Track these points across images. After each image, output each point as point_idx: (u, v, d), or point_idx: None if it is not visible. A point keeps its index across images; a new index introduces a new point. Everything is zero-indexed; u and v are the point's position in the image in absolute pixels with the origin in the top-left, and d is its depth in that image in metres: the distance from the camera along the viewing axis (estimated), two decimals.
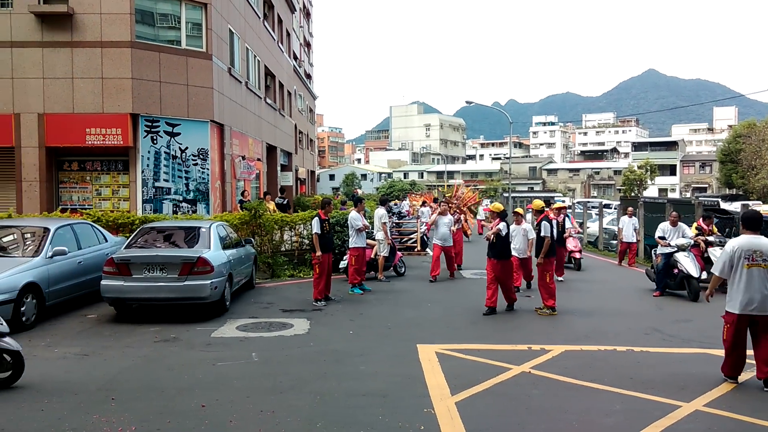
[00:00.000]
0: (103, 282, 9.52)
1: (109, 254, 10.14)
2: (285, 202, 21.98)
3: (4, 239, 10.20)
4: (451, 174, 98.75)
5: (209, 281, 9.53)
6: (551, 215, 12.35)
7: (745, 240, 6.65)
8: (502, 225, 10.50)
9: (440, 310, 10.72)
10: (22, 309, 8.85)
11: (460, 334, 8.96)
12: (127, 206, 16.53)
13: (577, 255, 16.44)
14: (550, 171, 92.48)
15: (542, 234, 10.75)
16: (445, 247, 14.25)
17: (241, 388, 6.42)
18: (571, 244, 16.21)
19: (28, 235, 10.20)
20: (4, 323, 6.44)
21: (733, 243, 6.72)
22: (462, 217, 18.65)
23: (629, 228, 17.15)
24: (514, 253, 11.75)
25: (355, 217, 12.46)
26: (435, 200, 23.30)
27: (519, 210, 12.81)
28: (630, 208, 17.81)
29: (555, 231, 11.46)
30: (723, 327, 6.80)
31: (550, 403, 6.08)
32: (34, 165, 16.13)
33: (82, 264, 10.47)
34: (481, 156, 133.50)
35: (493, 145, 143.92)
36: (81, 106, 16.13)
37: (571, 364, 7.45)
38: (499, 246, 10.40)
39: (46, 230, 10.12)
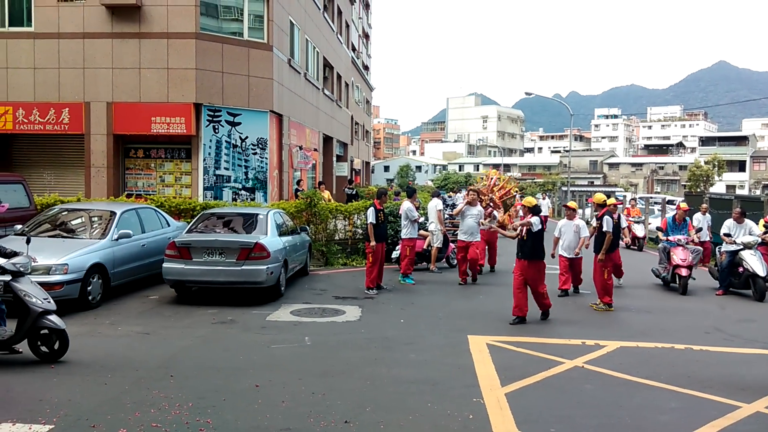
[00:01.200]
0: (164, 265, 9.89)
1: (171, 238, 10.50)
2: (354, 192, 22.31)
3: (73, 222, 10.72)
4: (507, 167, 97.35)
5: (265, 266, 9.77)
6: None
7: None
8: (534, 219, 9.22)
9: (492, 302, 10.64)
10: (89, 288, 9.29)
11: (511, 327, 8.88)
12: (189, 193, 17.07)
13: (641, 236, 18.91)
14: (612, 165, 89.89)
15: (604, 229, 10.31)
16: (471, 242, 12.47)
17: (293, 371, 6.57)
18: (639, 231, 19.33)
19: (96, 218, 10.68)
20: (52, 300, 6.76)
21: None
22: (495, 212, 15.32)
23: (704, 226, 15.70)
24: (562, 252, 11.43)
25: (409, 208, 12.52)
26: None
27: (572, 204, 12.29)
28: (704, 206, 16.48)
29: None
30: None
31: (602, 398, 5.97)
32: (102, 152, 16.85)
33: (146, 247, 10.90)
34: (540, 149, 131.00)
35: (552, 137, 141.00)
36: (147, 96, 16.73)
37: (626, 360, 7.28)
38: (530, 244, 9.13)
39: (113, 214, 10.58)
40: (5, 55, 16.95)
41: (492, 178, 17.08)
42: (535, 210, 9.37)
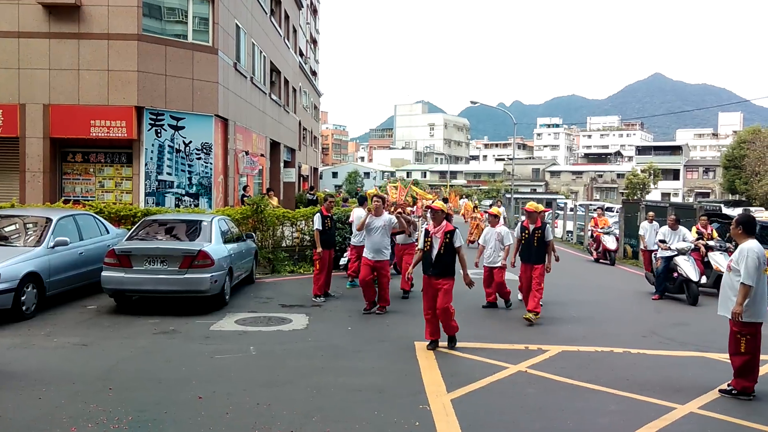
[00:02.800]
0: (103, 273, 9.56)
1: (110, 246, 10.17)
2: (314, 198, 22.18)
3: (7, 228, 10.25)
4: (453, 174, 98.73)
5: (209, 275, 9.57)
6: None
7: (759, 245, 6.30)
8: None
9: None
10: (23, 298, 8.89)
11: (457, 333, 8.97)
12: (129, 199, 16.56)
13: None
14: (554, 173, 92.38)
15: (547, 239, 10.08)
16: (378, 261, 10.14)
17: (238, 381, 6.45)
18: (610, 243, 18.57)
19: (30, 225, 10.24)
20: None
21: (756, 250, 6.23)
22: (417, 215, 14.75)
23: (651, 234, 15.23)
24: (485, 262, 10.86)
25: (359, 215, 12.47)
26: (444, 200, 22.89)
27: (494, 210, 11.42)
28: (651, 213, 16.13)
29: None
30: (739, 340, 6.31)
31: (545, 402, 6.10)
32: (38, 156, 16.17)
33: (84, 255, 10.51)
34: (485, 156, 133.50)
35: (497, 146, 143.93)
36: (86, 98, 16.16)
37: (568, 364, 7.47)
38: (428, 258, 8.02)
39: (48, 220, 10.17)
40: None
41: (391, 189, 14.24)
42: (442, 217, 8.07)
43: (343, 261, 13.93)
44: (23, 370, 6.61)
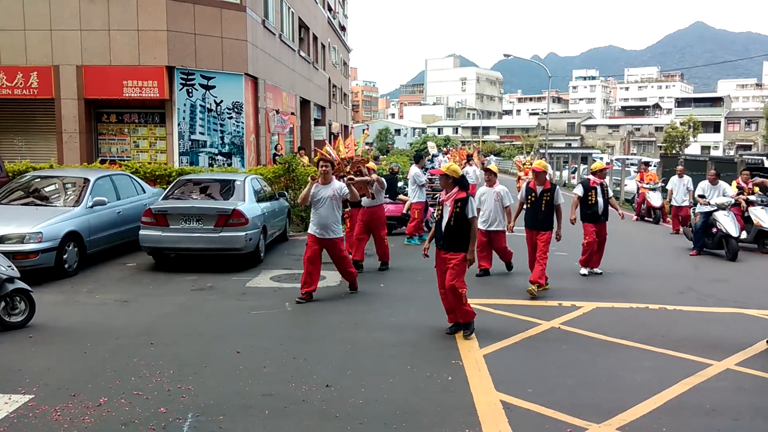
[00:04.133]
0: (141, 232, 9.78)
1: (147, 205, 10.36)
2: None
3: (47, 189, 10.51)
4: (486, 129, 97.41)
5: (244, 233, 9.71)
6: (593, 179, 10.08)
7: None
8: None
9: (473, 265, 10.70)
10: (65, 257, 9.17)
11: (490, 290, 8.99)
12: (164, 158, 16.79)
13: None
14: (589, 127, 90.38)
15: (557, 202, 9.01)
16: (330, 239, 8.37)
17: (274, 336, 6.60)
18: (655, 200, 17.37)
19: (69, 186, 10.48)
20: (15, 267, 6.75)
21: None
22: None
23: (680, 189, 15.08)
24: (480, 225, 9.54)
25: (416, 173, 12.68)
26: (469, 157, 22.62)
27: (493, 167, 10.43)
28: (680, 167, 15.79)
29: (601, 199, 9.87)
30: None
31: (578, 358, 6.10)
32: (74, 117, 16.42)
33: (121, 214, 10.75)
34: (518, 111, 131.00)
35: (530, 99, 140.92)
36: (118, 59, 16.26)
37: (602, 320, 7.43)
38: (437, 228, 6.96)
39: (86, 181, 10.38)
40: None
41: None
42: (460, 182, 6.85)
43: None
44: (68, 326, 6.86)
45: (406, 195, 14.18)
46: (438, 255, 6.88)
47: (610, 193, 9.85)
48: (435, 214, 7.10)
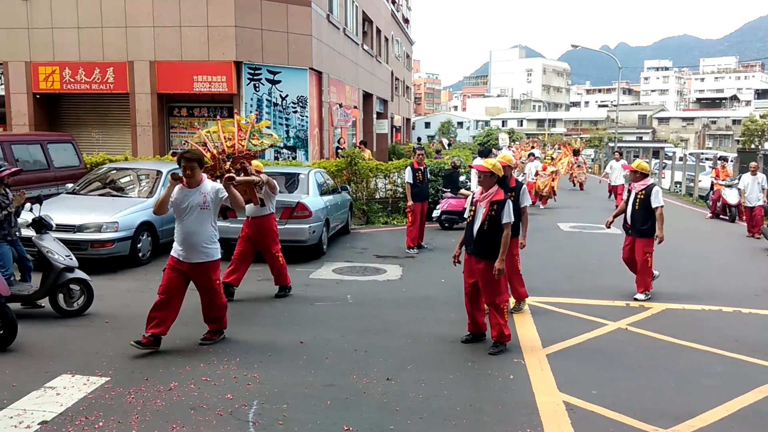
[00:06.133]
0: None
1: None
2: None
3: (122, 180, 11.01)
4: (552, 122, 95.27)
5: (307, 225, 9.89)
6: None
7: None
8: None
9: (536, 263, 10.50)
10: (139, 246, 9.59)
11: (554, 288, 8.82)
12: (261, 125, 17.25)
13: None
14: (662, 120, 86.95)
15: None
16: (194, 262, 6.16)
17: (336, 328, 6.70)
18: (731, 197, 15.77)
19: (143, 177, 10.94)
20: (74, 257, 7.07)
21: None
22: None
23: (754, 188, 13.98)
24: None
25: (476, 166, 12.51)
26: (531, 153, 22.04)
27: (503, 159, 7.51)
28: (754, 164, 14.61)
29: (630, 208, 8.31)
30: None
31: (645, 361, 5.92)
32: (147, 111, 17.11)
33: None
34: (587, 103, 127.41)
35: (599, 91, 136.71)
36: (188, 54, 16.81)
37: (672, 323, 7.18)
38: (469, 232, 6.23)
39: (159, 173, 10.81)
40: (50, 15, 17.19)
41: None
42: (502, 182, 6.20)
43: (435, 213, 13.90)
44: (141, 312, 7.12)
45: (468, 189, 14.06)
46: (467, 261, 6.26)
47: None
48: (466, 215, 6.35)
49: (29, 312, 7.00)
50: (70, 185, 10.88)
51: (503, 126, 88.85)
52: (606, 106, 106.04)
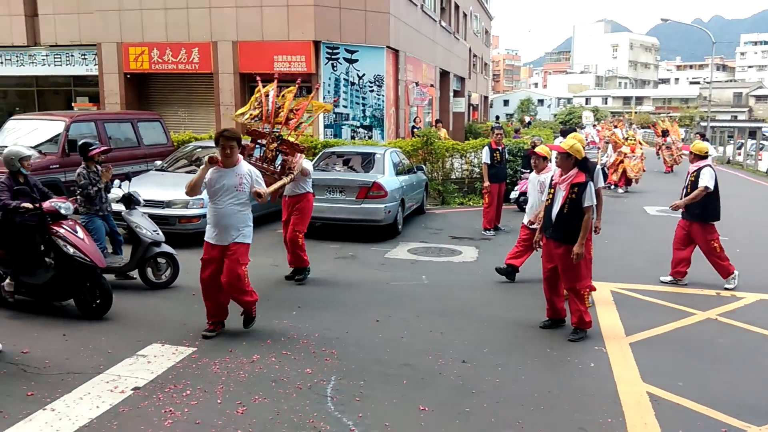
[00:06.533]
0: None
1: None
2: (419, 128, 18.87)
3: (204, 159, 11.39)
4: (639, 99, 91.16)
5: (383, 205, 9.95)
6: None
7: None
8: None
9: (619, 247, 10.14)
10: None
11: (639, 275, 8.45)
12: (310, 131, 17.53)
13: None
14: (760, 98, 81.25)
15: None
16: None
17: (412, 308, 6.73)
18: None
19: None
20: (161, 232, 7.38)
21: None
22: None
23: None
24: (524, 219, 8.00)
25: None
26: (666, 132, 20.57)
27: (542, 149, 7.91)
28: None
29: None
30: None
31: (737, 354, 5.62)
32: (230, 90, 17.62)
33: None
34: (677, 80, 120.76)
35: (691, 67, 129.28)
36: (269, 34, 17.13)
37: (766, 314, 6.75)
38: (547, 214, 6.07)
39: None
40: None
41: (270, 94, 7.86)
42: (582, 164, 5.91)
43: (513, 194, 13.63)
44: None
45: None
46: (546, 245, 6.09)
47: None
48: (544, 198, 6.21)
49: (122, 283, 7.41)
50: (158, 162, 11.39)
51: (586, 104, 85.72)
52: (698, 83, 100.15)
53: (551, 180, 6.16)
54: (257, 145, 6.94)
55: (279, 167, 6.91)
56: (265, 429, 4.12)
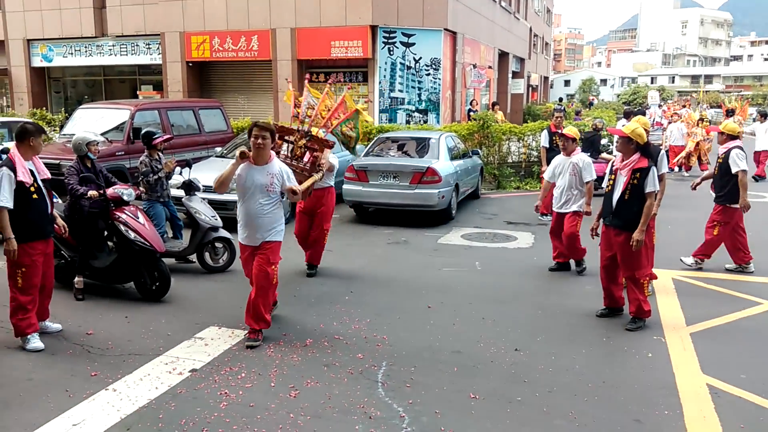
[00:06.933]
0: (344, 186, 10.43)
1: (350, 161, 10.96)
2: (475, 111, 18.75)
3: None
4: (708, 78, 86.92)
5: (437, 190, 9.89)
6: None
7: None
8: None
9: (684, 233, 9.74)
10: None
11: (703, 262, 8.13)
12: (365, 116, 17.56)
13: None
14: None
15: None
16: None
17: (464, 295, 6.68)
18: None
19: None
20: (219, 218, 7.54)
21: None
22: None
23: None
24: (554, 206, 7.68)
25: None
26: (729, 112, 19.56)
27: (570, 131, 7.63)
28: None
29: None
30: None
31: None
32: (288, 77, 17.82)
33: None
34: (750, 56, 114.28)
35: (766, 43, 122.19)
36: (326, 20, 17.21)
37: None
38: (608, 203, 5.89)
39: None
40: None
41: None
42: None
43: None
44: (280, 271, 7.58)
45: (610, 153, 13.27)
46: (605, 233, 5.93)
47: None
48: (605, 185, 5.99)
49: (180, 267, 7.67)
50: (218, 149, 11.68)
51: (652, 83, 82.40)
52: None
53: (611, 165, 5.97)
54: (285, 142, 6.64)
55: (308, 164, 6.54)
56: (316, 413, 4.20)
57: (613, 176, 5.83)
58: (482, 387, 4.57)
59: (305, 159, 6.54)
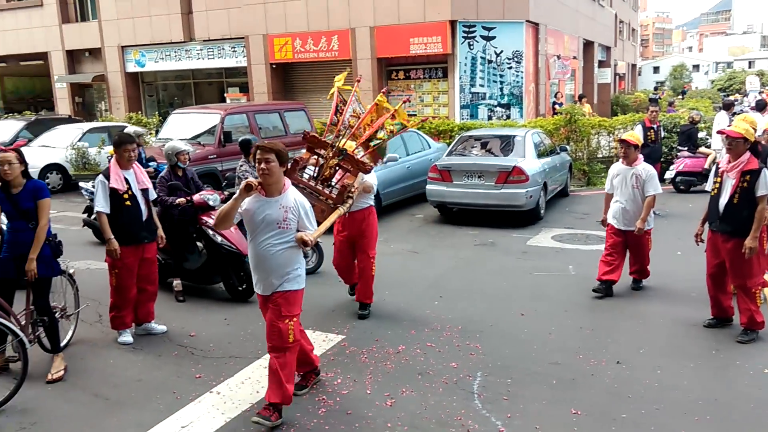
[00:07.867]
0: (428, 186, 10.36)
1: (432, 160, 10.90)
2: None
3: None
4: None
5: (524, 190, 9.64)
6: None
7: None
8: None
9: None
10: None
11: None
12: (446, 112, 17.42)
13: None
14: None
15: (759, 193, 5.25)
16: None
17: (558, 301, 6.47)
18: None
19: None
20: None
21: None
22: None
23: None
24: (611, 219, 6.75)
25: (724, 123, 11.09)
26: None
27: (630, 136, 6.75)
28: None
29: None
30: None
31: None
32: (368, 75, 17.92)
33: (410, 169, 11.48)
34: None
35: None
36: (405, 17, 17.15)
37: None
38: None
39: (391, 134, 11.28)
40: None
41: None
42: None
43: (669, 174, 12.59)
44: None
45: (708, 147, 12.53)
46: (711, 239, 5.57)
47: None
48: (710, 188, 5.60)
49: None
50: (303, 150, 11.87)
51: (749, 68, 77.22)
52: None
53: (716, 168, 5.60)
54: (315, 155, 5.46)
55: (334, 191, 5.21)
56: (413, 424, 4.17)
57: (719, 179, 5.48)
58: (583, 402, 4.41)
59: (333, 181, 5.39)
